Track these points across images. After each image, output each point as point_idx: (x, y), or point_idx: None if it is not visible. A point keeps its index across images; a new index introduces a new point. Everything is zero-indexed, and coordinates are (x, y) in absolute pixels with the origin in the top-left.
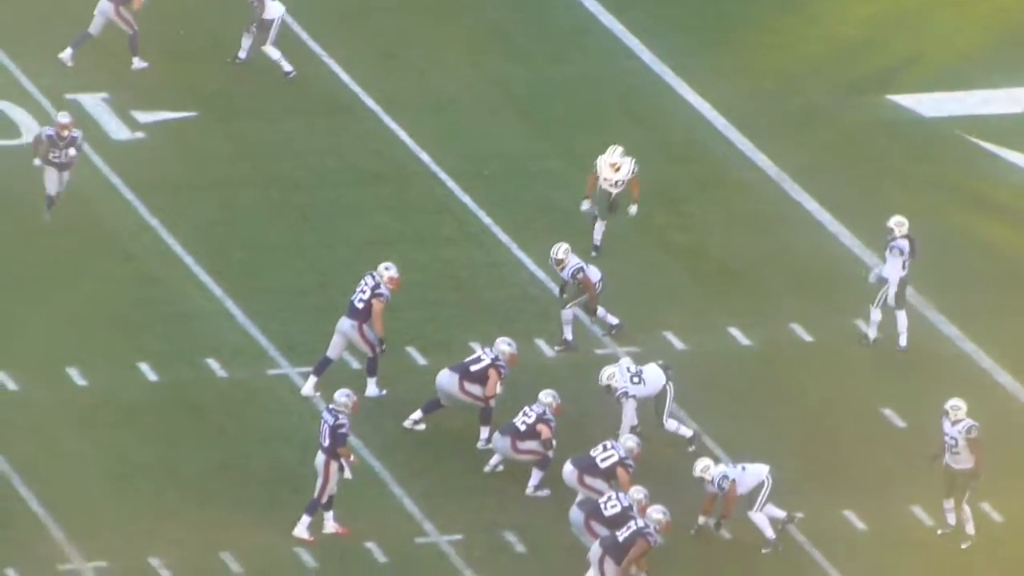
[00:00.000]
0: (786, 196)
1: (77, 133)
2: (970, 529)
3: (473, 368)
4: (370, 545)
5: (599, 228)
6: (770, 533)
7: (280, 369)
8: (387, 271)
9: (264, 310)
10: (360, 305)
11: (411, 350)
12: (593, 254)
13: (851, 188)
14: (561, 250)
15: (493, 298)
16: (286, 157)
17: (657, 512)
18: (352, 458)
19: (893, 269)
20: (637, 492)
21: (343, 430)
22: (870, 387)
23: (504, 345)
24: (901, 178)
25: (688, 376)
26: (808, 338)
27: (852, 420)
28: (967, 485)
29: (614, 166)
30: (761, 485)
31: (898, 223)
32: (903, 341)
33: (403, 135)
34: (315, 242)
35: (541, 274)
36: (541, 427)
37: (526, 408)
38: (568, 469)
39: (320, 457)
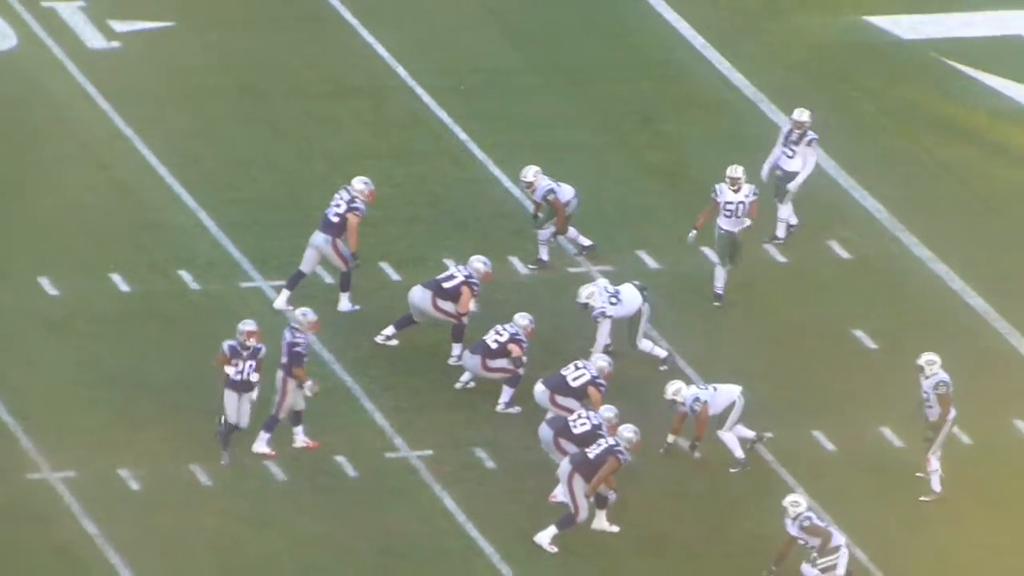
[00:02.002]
0: (763, 116)
1: (261, 345)
2: (935, 485)
3: (446, 285)
4: (340, 459)
5: (720, 275)
6: (739, 453)
7: (253, 282)
8: (363, 185)
9: (237, 223)
10: (334, 219)
11: (384, 265)
12: (716, 303)
13: (828, 109)
14: (530, 173)
15: (468, 214)
16: (262, 69)
17: (628, 431)
18: (310, 383)
19: (809, 162)
20: (608, 411)
21: (298, 348)
22: (842, 309)
23: (479, 264)
24: (878, 100)
25: (661, 296)
26: (782, 259)
27: (823, 341)
28: (932, 437)
29: (734, 183)
30: (732, 405)
31: (811, 115)
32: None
33: (380, 48)
34: (289, 155)
35: (516, 191)
36: (512, 346)
37: (498, 327)
38: (539, 389)
39: (278, 373)
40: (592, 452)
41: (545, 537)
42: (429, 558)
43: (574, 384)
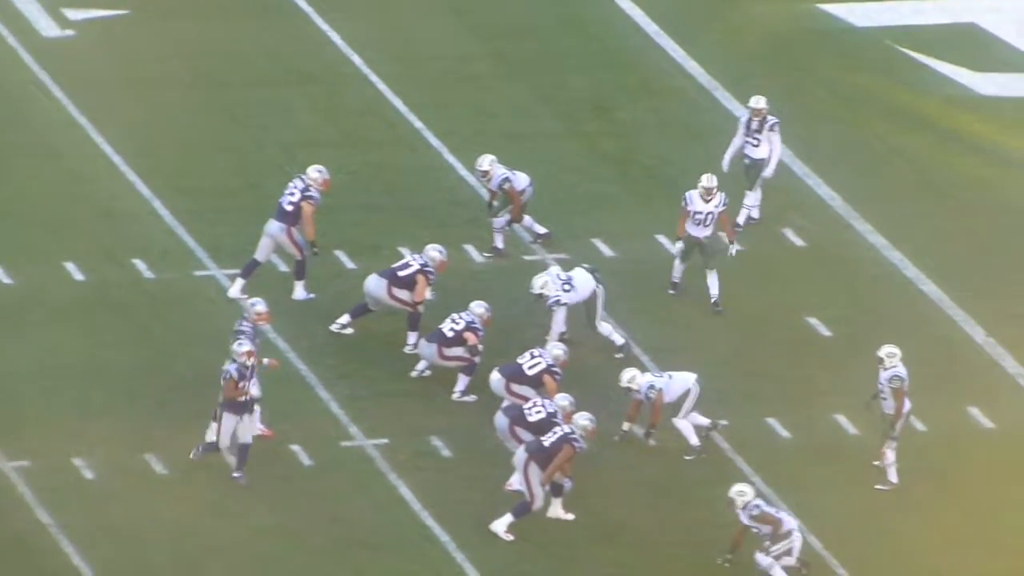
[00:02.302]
0: (717, 104)
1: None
2: (892, 476)
3: (401, 273)
4: (295, 448)
5: (678, 268)
6: (694, 440)
7: (207, 271)
8: (318, 173)
9: (191, 211)
10: (289, 208)
11: (340, 254)
12: (670, 291)
13: (782, 96)
14: (486, 162)
15: (423, 203)
16: (216, 56)
17: (583, 419)
18: (266, 360)
19: (776, 146)
20: (563, 399)
21: (241, 338)
22: (796, 296)
23: (434, 252)
24: (831, 87)
25: (615, 283)
26: (736, 246)
27: (778, 328)
28: (888, 431)
29: (707, 192)
30: (687, 393)
31: (767, 101)
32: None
33: (334, 36)
34: (244, 142)
35: (471, 179)
36: (468, 335)
37: (454, 315)
38: (495, 378)
39: (227, 362)
40: (547, 440)
41: (501, 525)
42: (385, 547)
43: (530, 372)
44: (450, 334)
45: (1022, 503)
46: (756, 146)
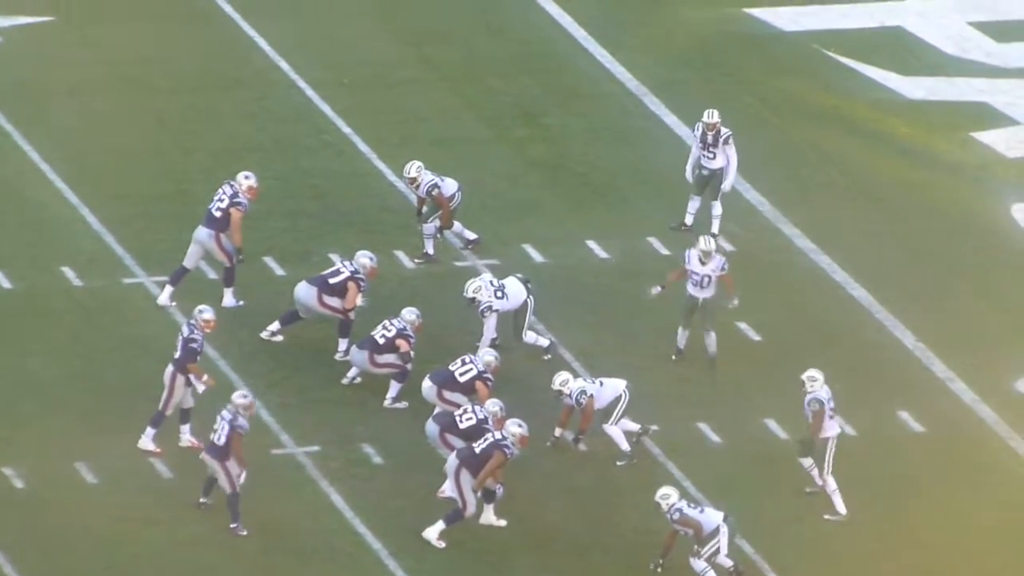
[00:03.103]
0: (645, 109)
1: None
2: (839, 505)
3: (332, 281)
4: None
5: (682, 335)
6: (625, 446)
7: (136, 278)
8: (246, 180)
9: (120, 217)
10: (218, 214)
11: (269, 260)
12: (674, 357)
13: (710, 101)
14: (413, 168)
15: (353, 208)
16: (144, 62)
17: (514, 425)
18: (205, 377)
19: (732, 158)
20: (493, 405)
21: (193, 344)
22: (726, 300)
23: (365, 259)
24: (759, 92)
25: (546, 289)
26: (665, 251)
27: None
28: (822, 452)
29: (705, 255)
30: (618, 399)
31: (719, 114)
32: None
33: (262, 42)
34: (172, 148)
35: (401, 185)
36: (400, 342)
37: (386, 322)
38: (427, 385)
39: (169, 368)
40: (478, 447)
41: (433, 532)
42: (317, 555)
43: (461, 379)
44: (382, 341)
45: (952, 506)
46: (712, 159)
